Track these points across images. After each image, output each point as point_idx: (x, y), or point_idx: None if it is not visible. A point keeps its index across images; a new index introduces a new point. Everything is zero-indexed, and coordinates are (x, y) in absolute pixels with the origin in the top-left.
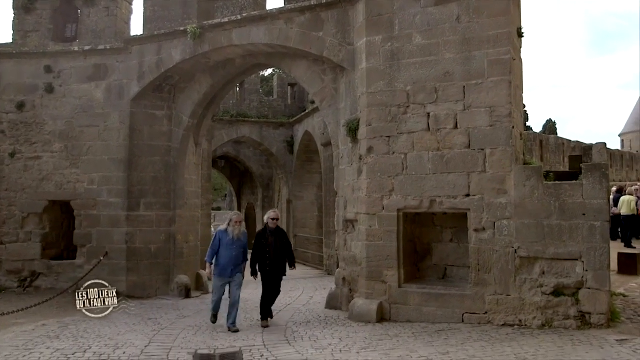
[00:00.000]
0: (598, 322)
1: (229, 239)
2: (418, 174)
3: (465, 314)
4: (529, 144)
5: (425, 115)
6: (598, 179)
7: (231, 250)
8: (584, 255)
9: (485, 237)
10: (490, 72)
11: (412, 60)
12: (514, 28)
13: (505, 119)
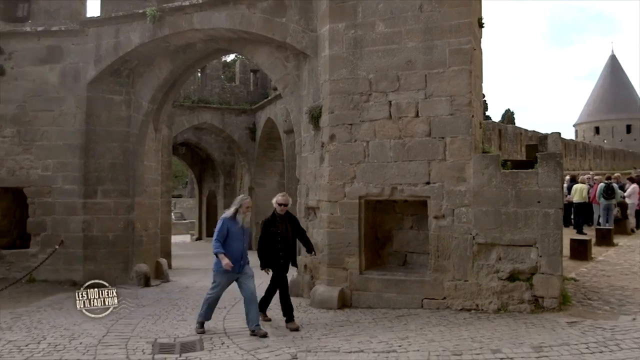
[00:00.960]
0: (550, 305)
1: (237, 227)
2: (380, 161)
3: (424, 299)
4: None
5: (387, 103)
6: (553, 168)
7: (241, 241)
8: (539, 241)
9: (445, 224)
10: (452, 62)
11: (374, 48)
12: (474, 18)
13: (465, 108)
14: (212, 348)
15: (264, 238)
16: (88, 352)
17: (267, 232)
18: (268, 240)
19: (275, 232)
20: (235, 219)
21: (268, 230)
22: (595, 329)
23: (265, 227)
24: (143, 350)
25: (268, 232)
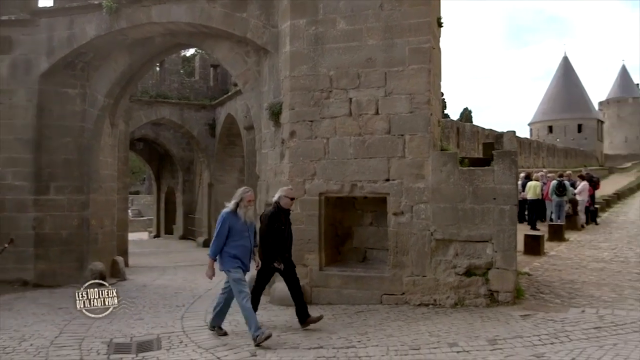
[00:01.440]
0: (505, 299)
1: (240, 223)
2: (340, 158)
3: (383, 295)
4: (447, 131)
5: (348, 100)
6: (508, 165)
7: (246, 238)
8: (494, 237)
9: (404, 221)
10: (411, 60)
11: (335, 45)
12: (434, 18)
13: (424, 106)
14: (169, 347)
15: (269, 234)
16: (39, 354)
17: (272, 227)
18: (273, 236)
19: (280, 227)
20: (237, 214)
21: (273, 226)
22: (547, 322)
23: (270, 222)
24: (98, 350)
25: (273, 228)
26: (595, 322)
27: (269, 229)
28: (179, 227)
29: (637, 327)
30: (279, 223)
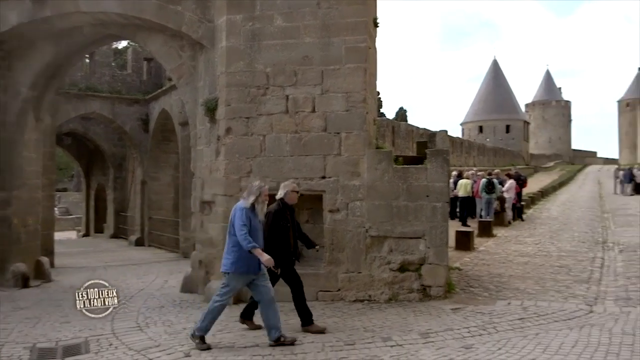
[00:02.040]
0: (437, 294)
1: (257, 220)
2: (276, 155)
3: (319, 292)
4: (382, 129)
5: (285, 97)
6: (440, 164)
7: (261, 236)
8: (427, 233)
9: (339, 218)
10: (347, 59)
11: (272, 41)
12: (370, 18)
13: (360, 105)
14: (98, 350)
15: (277, 232)
16: None
17: (277, 225)
18: (278, 234)
19: (286, 225)
20: (254, 210)
21: (279, 224)
22: (476, 314)
23: (275, 219)
24: (20, 356)
25: (280, 226)
26: (520, 313)
27: (273, 226)
28: (110, 226)
29: (557, 317)
30: (284, 221)
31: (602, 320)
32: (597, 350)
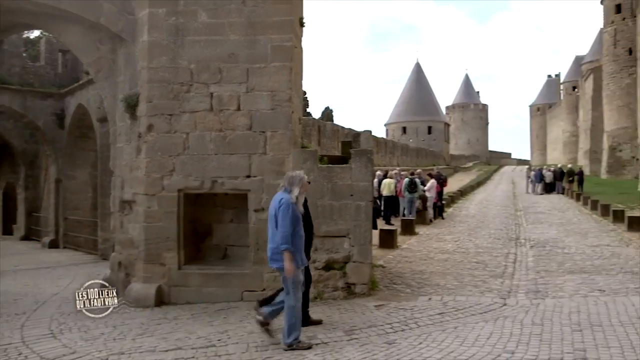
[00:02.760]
0: (361, 291)
1: (299, 212)
2: (200, 154)
3: (245, 291)
4: (308, 129)
5: (209, 95)
6: (364, 163)
7: (302, 228)
8: (351, 232)
9: (264, 217)
10: (273, 57)
11: (197, 37)
12: (296, 17)
13: (286, 104)
14: None
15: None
16: None
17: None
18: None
19: (302, 218)
20: (297, 201)
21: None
22: (399, 310)
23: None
24: None
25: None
26: (440, 308)
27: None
28: (21, 227)
29: (474, 310)
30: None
31: (514, 312)
32: (509, 341)
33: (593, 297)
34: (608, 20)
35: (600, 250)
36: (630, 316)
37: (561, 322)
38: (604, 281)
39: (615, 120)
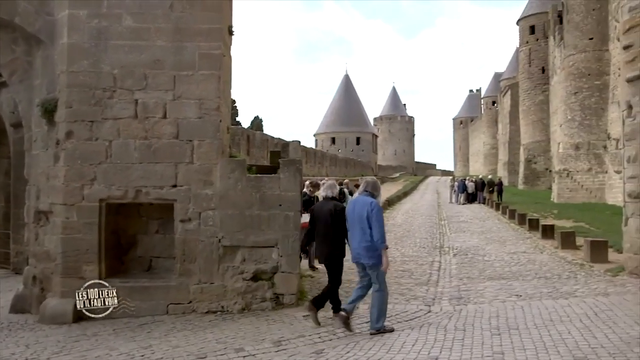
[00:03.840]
0: (289, 301)
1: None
2: (123, 162)
3: (170, 304)
4: (237, 138)
5: (133, 101)
6: (293, 173)
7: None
8: (280, 242)
9: (191, 228)
10: (201, 65)
11: (121, 42)
12: (225, 25)
13: (214, 112)
14: None
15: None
16: None
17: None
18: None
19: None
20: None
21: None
22: (327, 320)
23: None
24: None
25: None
26: (367, 316)
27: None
28: None
29: (400, 318)
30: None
31: (438, 318)
32: (433, 347)
33: (511, 302)
34: (523, 41)
35: (517, 257)
36: (544, 319)
37: (482, 327)
38: (521, 286)
39: (530, 134)
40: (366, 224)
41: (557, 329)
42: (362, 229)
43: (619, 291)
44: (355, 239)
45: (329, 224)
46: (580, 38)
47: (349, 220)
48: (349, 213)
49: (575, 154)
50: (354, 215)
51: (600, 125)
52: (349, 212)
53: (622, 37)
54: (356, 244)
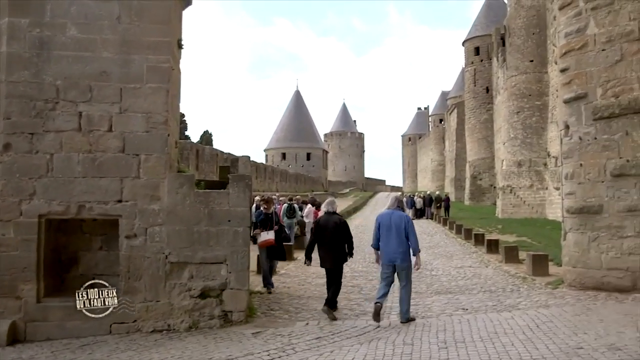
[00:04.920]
0: (238, 319)
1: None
2: (66, 176)
3: (113, 324)
4: (186, 152)
5: (77, 114)
6: (242, 189)
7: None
8: (228, 258)
9: (137, 244)
10: (149, 78)
11: (65, 52)
12: (174, 38)
13: (162, 126)
14: None
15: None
16: None
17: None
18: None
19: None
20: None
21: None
22: (276, 337)
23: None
24: None
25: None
26: (317, 333)
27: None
28: None
29: (349, 333)
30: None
31: (387, 333)
32: None
33: (457, 316)
34: (469, 61)
35: (464, 271)
36: (489, 332)
37: (429, 341)
38: (467, 300)
39: (475, 151)
40: (403, 234)
41: (501, 342)
42: (399, 237)
43: (559, 303)
44: (392, 245)
45: (335, 234)
46: (521, 60)
47: (384, 229)
48: (384, 224)
49: (517, 171)
50: (392, 226)
51: (541, 143)
52: (384, 223)
53: (559, 60)
54: (393, 248)
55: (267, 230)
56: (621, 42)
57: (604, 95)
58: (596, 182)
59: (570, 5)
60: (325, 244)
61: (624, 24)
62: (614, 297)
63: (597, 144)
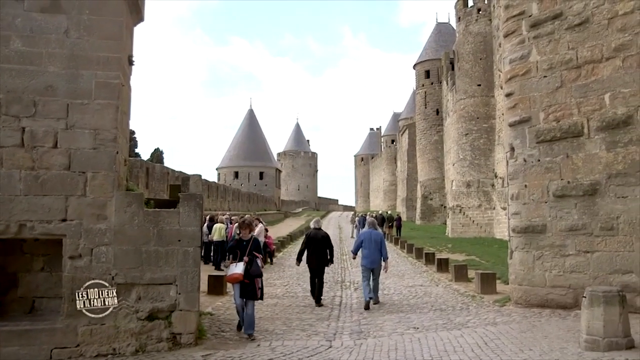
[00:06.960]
0: (187, 341)
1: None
2: (6, 194)
3: (54, 349)
4: (136, 170)
5: (20, 129)
6: (193, 208)
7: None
8: (178, 278)
9: (82, 265)
10: (98, 94)
11: (8, 65)
12: (125, 54)
13: (110, 144)
14: None
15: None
16: None
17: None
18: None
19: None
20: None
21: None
22: (226, 359)
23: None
24: None
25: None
26: (268, 354)
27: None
28: None
29: (301, 354)
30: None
31: (339, 353)
32: None
33: (408, 335)
34: (419, 84)
35: (415, 290)
36: (439, 350)
37: None
38: (418, 319)
39: (426, 172)
40: (379, 247)
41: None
42: (377, 249)
43: (506, 320)
44: (372, 254)
45: (322, 243)
46: (469, 84)
47: (366, 243)
48: (367, 238)
49: (466, 191)
50: (372, 240)
51: (489, 164)
52: (367, 238)
53: (504, 85)
54: (373, 257)
55: (236, 262)
56: (561, 69)
57: (546, 120)
58: (540, 202)
59: (514, 34)
60: (314, 251)
61: (563, 52)
62: (558, 314)
63: (541, 166)
